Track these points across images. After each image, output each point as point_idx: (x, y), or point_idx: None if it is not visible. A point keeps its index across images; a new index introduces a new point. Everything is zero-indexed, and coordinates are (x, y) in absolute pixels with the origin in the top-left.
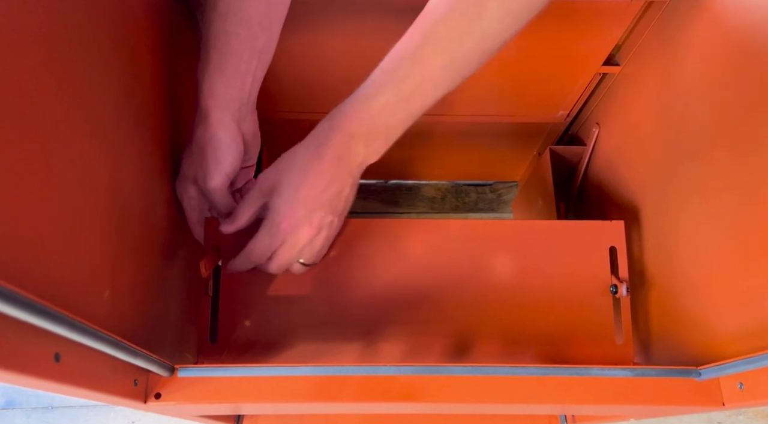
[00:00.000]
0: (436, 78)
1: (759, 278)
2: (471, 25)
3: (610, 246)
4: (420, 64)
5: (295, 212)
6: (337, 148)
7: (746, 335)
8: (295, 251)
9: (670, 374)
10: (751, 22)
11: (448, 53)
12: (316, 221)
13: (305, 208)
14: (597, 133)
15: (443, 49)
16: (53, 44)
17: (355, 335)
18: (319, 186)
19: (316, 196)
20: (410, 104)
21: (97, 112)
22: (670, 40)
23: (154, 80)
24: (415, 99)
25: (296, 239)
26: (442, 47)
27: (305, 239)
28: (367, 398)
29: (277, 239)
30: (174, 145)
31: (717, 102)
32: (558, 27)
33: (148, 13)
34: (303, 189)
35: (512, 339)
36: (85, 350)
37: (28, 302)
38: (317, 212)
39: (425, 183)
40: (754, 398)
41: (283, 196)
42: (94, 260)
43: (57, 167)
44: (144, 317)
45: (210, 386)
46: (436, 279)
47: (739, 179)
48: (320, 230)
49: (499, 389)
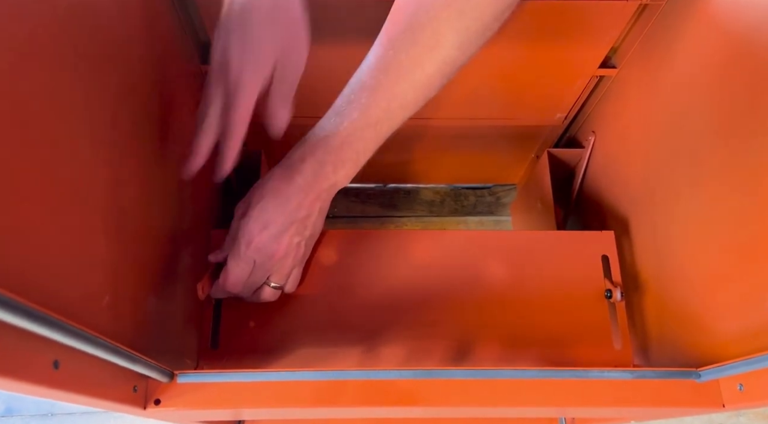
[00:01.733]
0: (402, 101)
1: (758, 278)
2: (431, 52)
3: (602, 255)
4: (383, 91)
5: (260, 233)
6: (306, 174)
7: (746, 335)
8: (262, 272)
9: (669, 376)
10: (748, 23)
11: (410, 79)
12: (284, 243)
13: (272, 230)
14: (593, 141)
15: (404, 76)
16: (50, 50)
17: (356, 340)
18: (287, 209)
19: (283, 219)
20: (378, 128)
21: (95, 118)
22: (667, 42)
23: (151, 86)
24: (383, 123)
25: (265, 260)
26: (402, 74)
27: (273, 260)
28: (368, 402)
29: (247, 262)
30: (173, 150)
31: (713, 103)
32: (554, 29)
33: (143, 17)
34: (270, 211)
35: (511, 344)
36: (84, 357)
37: (26, 309)
38: (284, 235)
39: (424, 187)
40: (754, 399)
41: (251, 218)
42: (93, 266)
43: (55, 173)
44: (143, 323)
45: (210, 391)
46: (436, 286)
47: (736, 180)
48: (288, 252)
49: (499, 392)
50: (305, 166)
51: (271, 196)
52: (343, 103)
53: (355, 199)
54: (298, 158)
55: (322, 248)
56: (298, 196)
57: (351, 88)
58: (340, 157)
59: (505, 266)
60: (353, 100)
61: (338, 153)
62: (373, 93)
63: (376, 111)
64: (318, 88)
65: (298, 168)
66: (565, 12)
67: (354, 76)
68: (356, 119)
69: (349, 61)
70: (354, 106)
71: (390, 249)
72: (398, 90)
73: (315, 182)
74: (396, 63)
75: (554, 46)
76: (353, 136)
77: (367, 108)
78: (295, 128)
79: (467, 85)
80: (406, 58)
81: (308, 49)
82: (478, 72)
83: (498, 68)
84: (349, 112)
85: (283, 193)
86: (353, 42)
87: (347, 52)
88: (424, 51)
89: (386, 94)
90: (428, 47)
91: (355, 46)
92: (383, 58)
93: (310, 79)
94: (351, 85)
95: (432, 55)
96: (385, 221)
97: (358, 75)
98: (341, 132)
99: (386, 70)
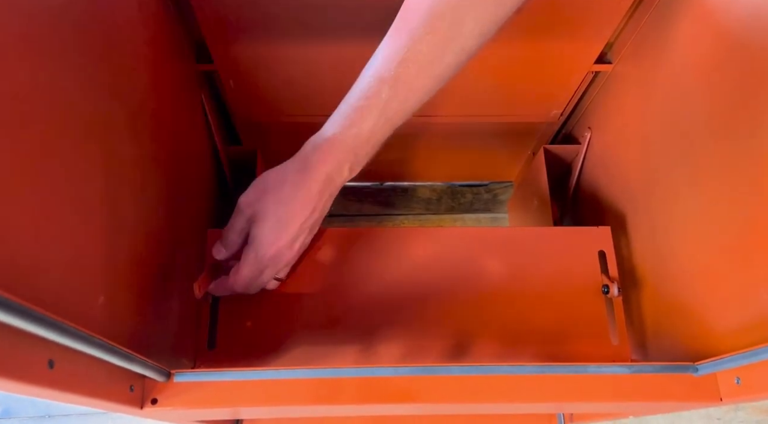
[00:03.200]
0: (418, 94)
1: (754, 271)
2: (451, 43)
3: (599, 250)
4: (403, 85)
5: (278, 242)
6: (323, 176)
7: (742, 329)
8: (272, 273)
9: (667, 371)
10: (742, 17)
11: (429, 71)
12: (297, 247)
13: (287, 238)
14: (589, 137)
15: (424, 69)
16: (44, 49)
17: (353, 337)
18: (304, 214)
19: (300, 225)
20: (394, 121)
21: (89, 117)
22: (662, 37)
23: (146, 86)
24: (399, 115)
25: (277, 263)
26: (423, 67)
27: (285, 262)
28: (366, 399)
29: (260, 268)
30: (170, 150)
31: (709, 97)
32: (549, 25)
33: (138, 17)
34: (287, 218)
35: (509, 341)
36: (79, 356)
37: (21, 308)
38: (298, 240)
39: (420, 184)
40: (751, 392)
41: (267, 225)
42: (88, 265)
43: (50, 173)
44: (140, 322)
45: (207, 390)
46: (434, 283)
47: (732, 174)
48: (298, 253)
49: (496, 388)
50: (324, 168)
51: (288, 203)
52: (359, 99)
53: (351, 197)
54: (316, 160)
55: (320, 247)
56: (314, 202)
57: (367, 82)
58: (359, 156)
59: (502, 262)
60: (371, 95)
61: (358, 151)
62: (393, 87)
63: (395, 104)
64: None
65: (315, 171)
66: (560, 7)
67: (368, 69)
68: (378, 116)
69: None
70: (373, 102)
71: (387, 247)
72: (418, 83)
73: (331, 183)
74: (415, 54)
75: (549, 41)
76: (374, 133)
77: (388, 102)
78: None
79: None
80: (426, 50)
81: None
82: (473, 69)
83: (493, 65)
84: (369, 108)
85: (300, 201)
86: (353, 42)
87: (347, 52)
88: (445, 41)
89: (406, 87)
90: (448, 38)
91: (355, 46)
92: (401, 50)
93: (310, 79)
94: (366, 79)
95: (452, 45)
96: (382, 219)
97: (374, 68)
98: (364, 131)
99: (405, 62)
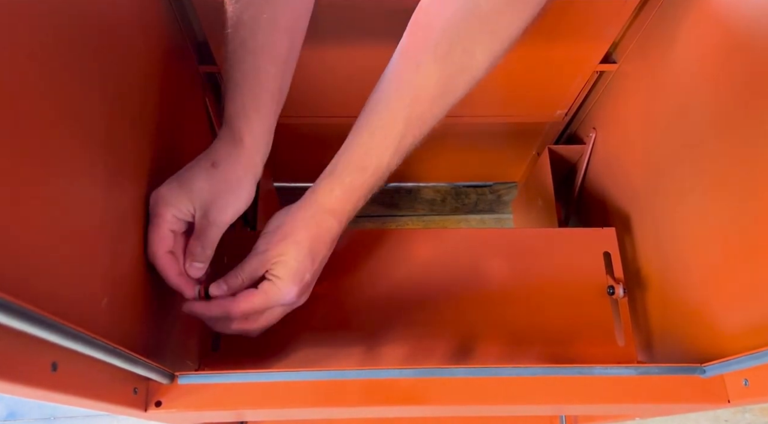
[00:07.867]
0: (432, 123)
1: (761, 272)
2: (462, 74)
3: (604, 251)
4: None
5: (301, 295)
6: (334, 231)
7: (750, 330)
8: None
9: (674, 372)
10: (746, 16)
11: (442, 103)
12: (312, 288)
13: (307, 285)
14: (594, 137)
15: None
16: (45, 51)
17: (357, 339)
18: (322, 258)
19: (318, 268)
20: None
21: (91, 119)
22: (667, 37)
23: (148, 87)
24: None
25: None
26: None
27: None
28: (370, 401)
29: (275, 316)
30: (170, 152)
31: (714, 97)
32: (555, 25)
33: (141, 18)
34: (304, 269)
35: (513, 342)
36: (82, 359)
37: (24, 311)
38: (314, 280)
39: (425, 185)
40: (759, 394)
41: (289, 275)
42: (91, 267)
43: (53, 176)
44: (143, 325)
45: (211, 392)
46: (438, 285)
47: (738, 174)
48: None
49: (502, 390)
50: (346, 208)
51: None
52: (376, 137)
53: None
54: (338, 202)
55: None
56: (327, 251)
57: (381, 118)
58: (372, 188)
59: (506, 263)
60: (387, 135)
61: (374, 186)
62: (407, 124)
63: (410, 139)
64: (320, 90)
65: (338, 215)
66: (565, 8)
67: (378, 102)
68: (393, 154)
69: (351, 62)
70: (390, 141)
71: (391, 248)
72: (429, 115)
73: (339, 230)
74: (428, 88)
75: (555, 42)
76: (388, 166)
77: (402, 138)
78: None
79: None
80: (438, 82)
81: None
82: None
83: (498, 66)
84: (385, 146)
85: (321, 249)
86: (356, 44)
87: (350, 53)
88: (457, 73)
89: (420, 120)
90: (460, 69)
91: (357, 48)
92: (412, 84)
93: (312, 80)
94: (380, 114)
95: (463, 77)
96: (386, 220)
97: (386, 103)
98: (381, 168)
99: (418, 98)
